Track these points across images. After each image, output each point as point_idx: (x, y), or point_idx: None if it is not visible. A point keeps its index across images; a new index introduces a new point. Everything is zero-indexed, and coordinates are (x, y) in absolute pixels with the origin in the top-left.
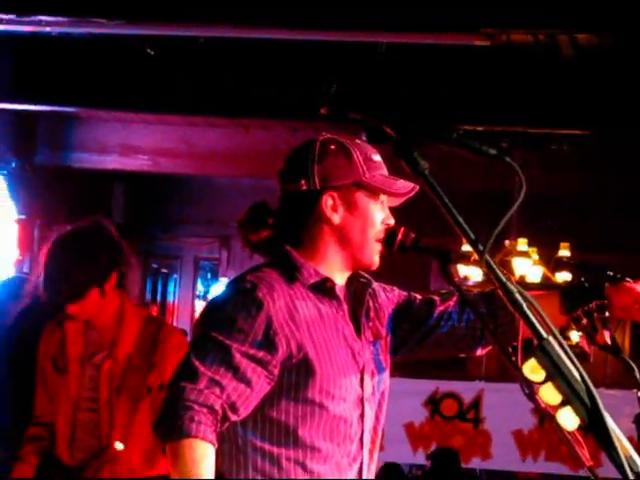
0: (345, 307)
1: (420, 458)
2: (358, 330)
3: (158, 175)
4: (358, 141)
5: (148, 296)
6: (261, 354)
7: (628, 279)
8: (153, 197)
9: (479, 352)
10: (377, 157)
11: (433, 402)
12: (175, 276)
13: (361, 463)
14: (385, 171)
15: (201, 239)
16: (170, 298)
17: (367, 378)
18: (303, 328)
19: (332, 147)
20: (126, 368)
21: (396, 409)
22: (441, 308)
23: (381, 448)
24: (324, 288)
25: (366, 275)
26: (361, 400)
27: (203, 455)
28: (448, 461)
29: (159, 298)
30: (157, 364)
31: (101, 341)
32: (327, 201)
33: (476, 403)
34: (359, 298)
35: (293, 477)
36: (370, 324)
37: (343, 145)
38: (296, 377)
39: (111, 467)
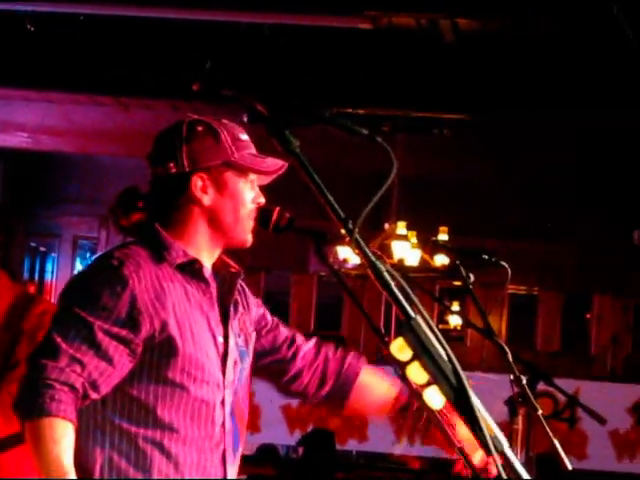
0: (213, 291)
1: (297, 440)
2: (225, 317)
3: (39, 153)
4: (225, 121)
5: (26, 274)
6: (124, 332)
7: (503, 263)
8: (33, 175)
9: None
10: (245, 136)
11: None
12: (54, 255)
13: (224, 449)
14: (253, 150)
15: (80, 218)
16: (48, 277)
17: (229, 365)
18: (168, 308)
19: (199, 129)
20: None
21: (273, 391)
22: (299, 364)
23: (258, 429)
24: (192, 269)
25: (236, 265)
26: (223, 386)
27: (63, 434)
28: (323, 443)
29: (37, 277)
30: (24, 333)
31: None
32: (197, 183)
33: None
34: (228, 286)
35: (149, 457)
36: (238, 315)
37: (210, 126)
38: (158, 356)
39: None
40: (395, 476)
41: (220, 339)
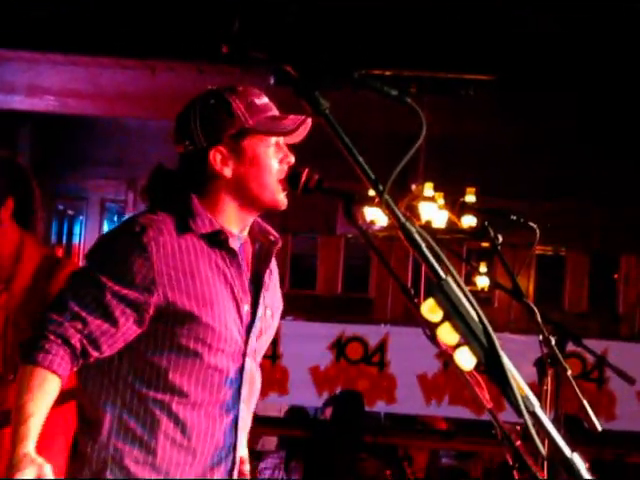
0: (241, 261)
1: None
2: (258, 286)
3: (65, 116)
4: (241, 88)
5: (54, 237)
6: (133, 297)
7: (531, 223)
8: (60, 138)
9: None
10: (261, 100)
11: (339, 345)
12: (81, 218)
13: (237, 415)
14: (273, 112)
15: (107, 181)
16: (76, 240)
17: (254, 334)
18: (186, 276)
19: (211, 102)
20: (22, 302)
21: (301, 352)
22: None
23: (286, 392)
24: (217, 240)
25: (274, 233)
26: (242, 354)
27: (40, 384)
28: (351, 404)
29: (65, 240)
30: (51, 295)
31: None
32: (216, 157)
33: (381, 347)
34: (265, 254)
35: (157, 419)
36: (272, 287)
37: (221, 97)
38: (173, 323)
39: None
40: (423, 438)
41: (246, 308)
